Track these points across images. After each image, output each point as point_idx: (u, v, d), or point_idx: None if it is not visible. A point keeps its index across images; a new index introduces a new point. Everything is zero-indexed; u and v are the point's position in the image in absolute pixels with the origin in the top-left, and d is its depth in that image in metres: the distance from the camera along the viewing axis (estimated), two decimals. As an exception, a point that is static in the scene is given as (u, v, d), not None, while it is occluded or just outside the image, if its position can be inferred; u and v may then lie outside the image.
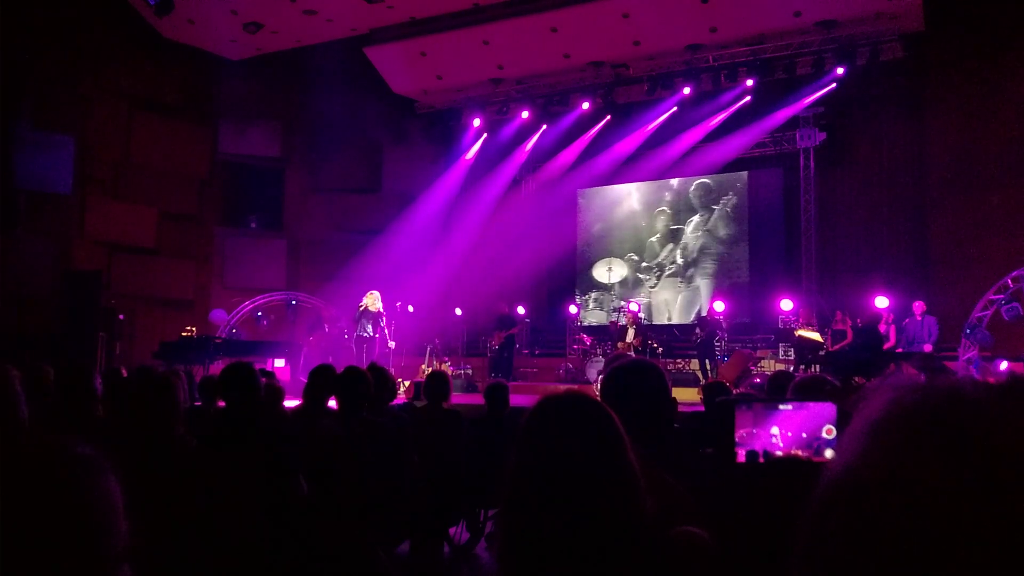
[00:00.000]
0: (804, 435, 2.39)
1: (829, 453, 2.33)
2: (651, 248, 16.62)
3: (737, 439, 2.46)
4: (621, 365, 2.39)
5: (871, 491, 0.54)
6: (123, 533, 0.93)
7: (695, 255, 16.18)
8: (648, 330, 13.94)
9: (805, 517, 0.58)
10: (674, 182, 16.46)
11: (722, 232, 15.97)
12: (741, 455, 2.46)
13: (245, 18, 13.92)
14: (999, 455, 0.51)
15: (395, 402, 6.02)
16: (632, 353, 11.93)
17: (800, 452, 2.34)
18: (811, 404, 2.46)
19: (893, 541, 0.51)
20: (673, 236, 16.44)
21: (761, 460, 2.33)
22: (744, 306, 15.38)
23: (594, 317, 16.83)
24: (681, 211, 16.43)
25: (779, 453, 2.33)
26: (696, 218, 16.24)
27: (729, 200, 15.98)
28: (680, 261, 16.29)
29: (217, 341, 12.70)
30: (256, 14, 13.86)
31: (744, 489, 2.22)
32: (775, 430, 2.38)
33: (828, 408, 2.42)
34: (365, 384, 4.38)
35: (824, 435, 2.39)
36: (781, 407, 2.47)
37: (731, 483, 2.32)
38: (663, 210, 16.60)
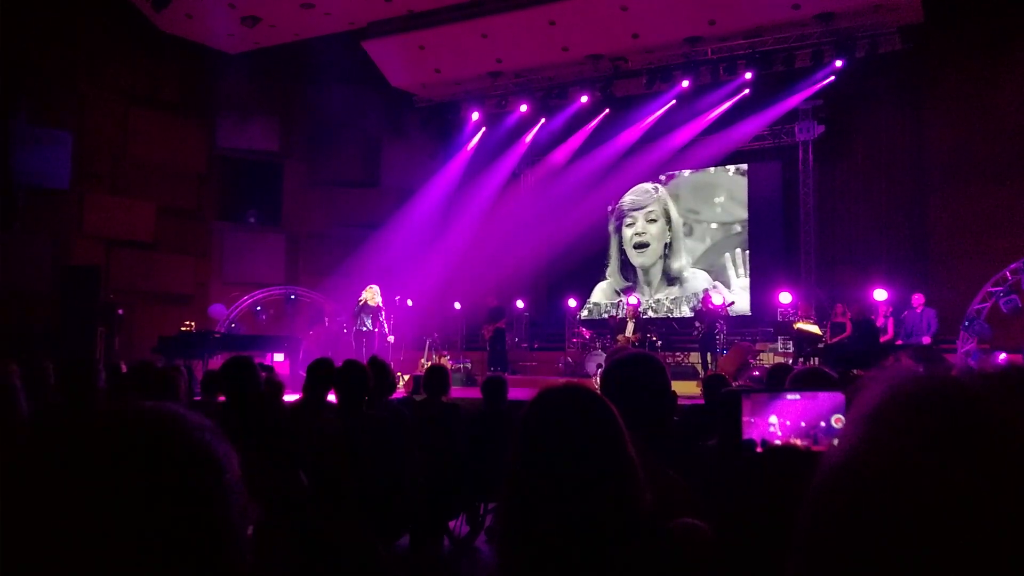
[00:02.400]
0: (803, 424, 2.37)
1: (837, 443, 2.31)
2: (650, 241, 16.61)
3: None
4: (620, 358, 2.39)
5: (868, 480, 0.54)
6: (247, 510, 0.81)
7: (693, 247, 16.19)
8: (647, 323, 13.95)
9: (803, 506, 0.58)
10: (672, 175, 16.45)
11: (720, 225, 15.98)
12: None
13: (243, 12, 13.89)
14: (995, 443, 0.51)
15: (394, 396, 6.02)
16: (631, 347, 11.94)
17: (798, 441, 2.33)
18: (820, 394, 2.44)
19: (890, 530, 0.51)
20: (670, 229, 16.44)
21: (759, 449, 2.33)
22: (743, 299, 15.41)
23: (593, 310, 16.86)
24: (679, 204, 16.42)
25: (777, 442, 2.32)
26: (694, 211, 16.25)
27: (727, 193, 15.98)
28: (678, 253, 16.30)
29: (216, 336, 12.71)
30: (254, 8, 13.83)
31: (740, 478, 2.23)
32: (773, 419, 2.36)
33: (835, 397, 2.40)
34: (364, 378, 4.38)
35: (833, 424, 2.37)
36: (789, 396, 2.45)
37: (729, 473, 2.32)
38: (660, 203, 16.59)
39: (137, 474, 0.73)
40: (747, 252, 15.63)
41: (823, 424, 2.34)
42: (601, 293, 17.06)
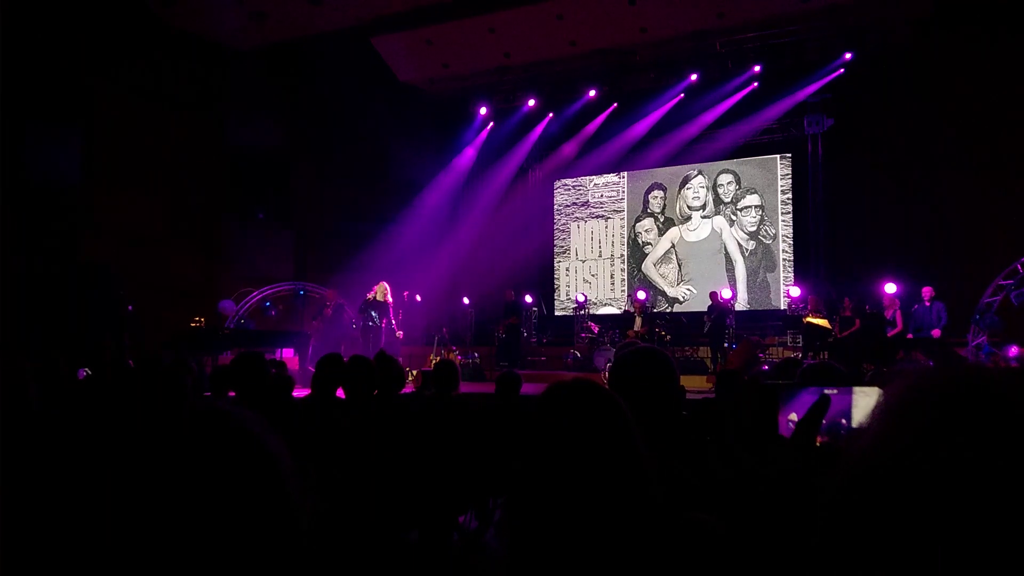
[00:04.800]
0: (823, 422, 2.35)
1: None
2: (655, 235, 16.60)
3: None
4: (629, 352, 2.39)
5: (891, 472, 0.54)
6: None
7: (702, 241, 16.15)
8: (655, 317, 13.95)
9: (823, 500, 0.58)
10: (678, 169, 16.42)
11: (729, 219, 15.93)
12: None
13: (251, 8, 13.90)
14: (1015, 436, 0.51)
15: (403, 391, 6.03)
16: (639, 341, 11.94)
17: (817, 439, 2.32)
18: (859, 389, 2.43)
19: (911, 521, 0.51)
20: (680, 223, 16.41)
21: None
22: (752, 292, 15.38)
23: (603, 307, 16.86)
24: (688, 198, 16.39)
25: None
26: (704, 205, 16.21)
27: (736, 187, 15.93)
28: (687, 247, 16.27)
29: (226, 332, 12.75)
30: (262, 4, 13.85)
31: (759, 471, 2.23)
32: (793, 416, 2.35)
33: (862, 394, 2.38)
34: (372, 373, 4.39)
35: (841, 422, 2.35)
36: (827, 391, 2.43)
37: (756, 467, 2.31)
38: (667, 197, 16.56)
39: (206, 469, 0.77)
40: (757, 245, 15.59)
41: (843, 421, 2.31)
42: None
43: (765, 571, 1.49)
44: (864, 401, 2.41)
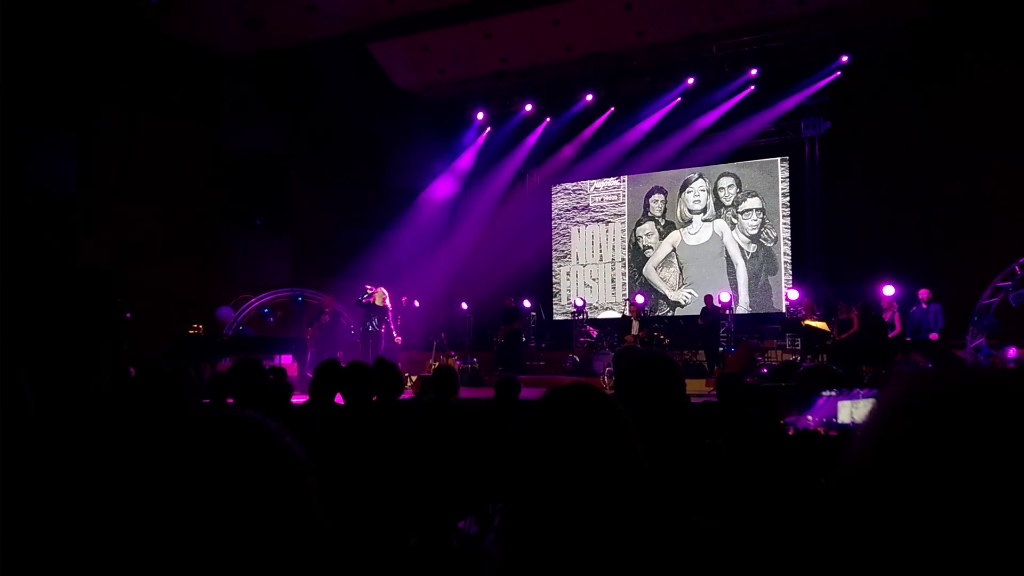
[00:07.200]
0: (825, 419, 2.54)
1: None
2: (656, 239, 16.61)
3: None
4: (635, 358, 2.39)
5: (888, 473, 0.54)
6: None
7: (703, 245, 16.16)
8: (652, 321, 13.96)
9: (825, 500, 0.58)
10: (678, 173, 16.44)
11: (730, 222, 15.94)
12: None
13: (247, 14, 13.91)
14: (1012, 437, 0.51)
15: (402, 397, 6.02)
16: (638, 345, 11.96)
17: (820, 430, 2.48)
18: (858, 392, 2.59)
19: (907, 522, 0.51)
20: (681, 226, 16.42)
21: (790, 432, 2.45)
22: (754, 296, 15.39)
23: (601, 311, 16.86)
24: (689, 202, 16.40)
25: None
26: (704, 209, 16.22)
27: (735, 190, 15.94)
28: (688, 251, 16.28)
29: (224, 339, 12.73)
30: (258, 10, 13.86)
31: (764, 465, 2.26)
32: (810, 419, 2.50)
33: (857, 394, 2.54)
34: (371, 379, 4.39)
35: (835, 420, 2.55)
36: (825, 393, 2.62)
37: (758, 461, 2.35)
38: (668, 201, 16.57)
39: (233, 473, 0.79)
40: (755, 248, 15.60)
41: (834, 419, 2.47)
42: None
43: (762, 573, 1.49)
44: (844, 412, 2.61)
